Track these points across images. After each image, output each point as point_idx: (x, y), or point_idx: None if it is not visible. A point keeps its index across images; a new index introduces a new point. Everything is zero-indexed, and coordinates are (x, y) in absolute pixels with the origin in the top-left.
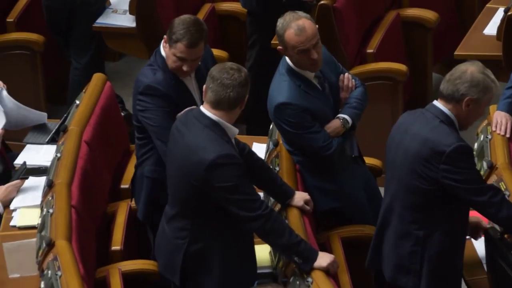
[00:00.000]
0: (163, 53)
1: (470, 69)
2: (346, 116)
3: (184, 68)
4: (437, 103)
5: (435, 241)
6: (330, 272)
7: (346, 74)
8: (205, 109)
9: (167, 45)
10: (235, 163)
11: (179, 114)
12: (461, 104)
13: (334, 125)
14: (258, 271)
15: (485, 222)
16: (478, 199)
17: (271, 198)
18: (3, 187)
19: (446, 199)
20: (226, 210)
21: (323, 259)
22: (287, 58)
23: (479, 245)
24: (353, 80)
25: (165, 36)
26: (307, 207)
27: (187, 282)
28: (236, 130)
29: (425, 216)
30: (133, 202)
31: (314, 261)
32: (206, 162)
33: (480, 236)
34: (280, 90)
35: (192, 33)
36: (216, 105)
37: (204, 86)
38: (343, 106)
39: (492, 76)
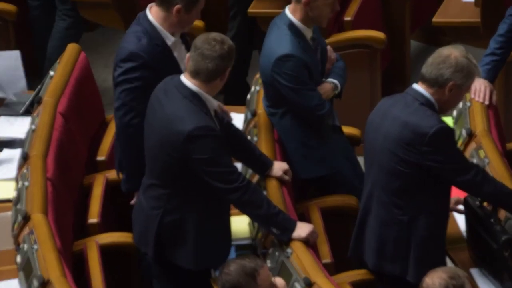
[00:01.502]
0: (151, 18)
1: (454, 54)
2: (335, 81)
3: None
4: (418, 86)
5: (420, 225)
6: (309, 242)
7: (328, 46)
8: (185, 79)
9: (181, 13)
10: (213, 135)
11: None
12: (444, 88)
13: (325, 87)
14: (237, 242)
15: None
16: (462, 178)
17: (249, 170)
18: None
19: (428, 182)
20: (204, 181)
21: (302, 229)
22: (289, 14)
23: (458, 214)
24: (334, 53)
25: (177, 6)
26: (286, 177)
27: (161, 254)
28: (215, 103)
29: (408, 200)
30: (111, 173)
31: (292, 231)
32: (185, 133)
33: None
34: (282, 43)
35: None
36: (195, 74)
37: (188, 54)
38: (329, 74)
39: (474, 61)
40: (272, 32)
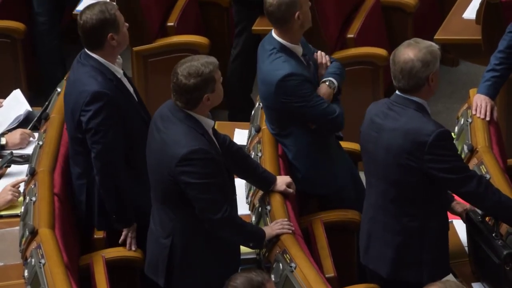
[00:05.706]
0: (95, 56)
1: (411, 54)
2: (330, 78)
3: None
4: (402, 93)
5: (430, 229)
6: (284, 233)
7: (319, 52)
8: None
9: (115, 38)
10: (207, 158)
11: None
12: (428, 84)
13: (322, 89)
14: (242, 256)
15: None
16: (465, 189)
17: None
18: None
19: (434, 188)
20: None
21: (270, 230)
22: (276, 37)
23: (460, 229)
24: (326, 56)
25: (109, 35)
26: (290, 190)
27: (171, 282)
28: (211, 122)
29: (417, 207)
30: None
31: (264, 237)
32: (179, 156)
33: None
34: (279, 65)
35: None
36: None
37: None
38: (323, 76)
39: (426, 43)
40: (264, 59)
